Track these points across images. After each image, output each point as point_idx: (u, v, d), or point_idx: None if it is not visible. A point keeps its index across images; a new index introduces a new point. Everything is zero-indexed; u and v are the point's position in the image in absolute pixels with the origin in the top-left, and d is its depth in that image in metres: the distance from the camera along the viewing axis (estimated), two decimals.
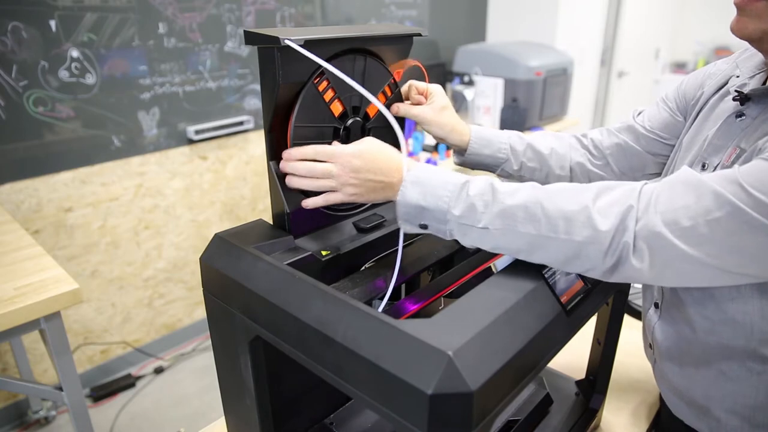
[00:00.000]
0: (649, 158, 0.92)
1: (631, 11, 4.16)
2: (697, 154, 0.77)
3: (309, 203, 0.71)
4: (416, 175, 0.64)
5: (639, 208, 0.56)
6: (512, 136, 0.94)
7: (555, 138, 0.97)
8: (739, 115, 0.71)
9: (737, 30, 0.66)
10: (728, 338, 0.70)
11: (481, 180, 0.63)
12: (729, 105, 0.75)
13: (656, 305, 0.83)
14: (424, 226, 0.64)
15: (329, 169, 0.67)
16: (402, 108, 0.85)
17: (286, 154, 0.70)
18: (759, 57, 0.74)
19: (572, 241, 0.57)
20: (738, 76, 0.76)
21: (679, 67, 5.11)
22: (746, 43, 0.71)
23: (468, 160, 0.94)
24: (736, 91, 0.72)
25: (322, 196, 0.70)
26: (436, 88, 0.89)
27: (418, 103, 0.89)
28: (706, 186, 0.55)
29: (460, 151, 0.93)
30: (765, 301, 0.65)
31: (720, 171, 0.57)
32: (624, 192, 0.58)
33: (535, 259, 0.61)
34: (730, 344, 0.70)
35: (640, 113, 0.95)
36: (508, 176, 0.96)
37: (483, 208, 0.60)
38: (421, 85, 0.89)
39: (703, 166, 0.74)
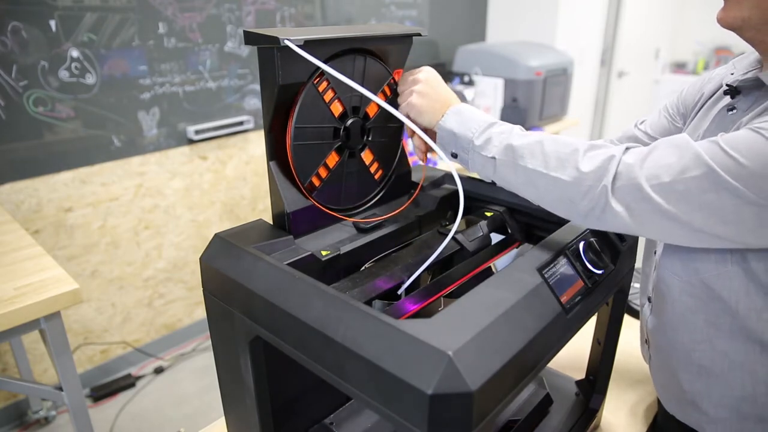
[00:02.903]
0: None
1: (631, 11, 4.16)
2: None
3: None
4: (459, 108, 0.74)
5: (622, 159, 0.61)
6: None
7: None
8: (731, 108, 0.73)
9: (720, 18, 0.69)
10: (716, 316, 0.71)
11: (508, 124, 0.71)
12: (723, 103, 0.77)
13: (649, 299, 0.84)
14: (454, 155, 0.73)
15: (405, 88, 0.79)
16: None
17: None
18: (753, 56, 0.76)
19: (559, 180, 0.64)
20: (732, 74, 0.78)
21: (679, 67, 5.11)
22: (745, 49, 0.72)
23: None
24: (726, 85, 0.74)
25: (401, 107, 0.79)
26: None
27: None
28: (690, 147, 0.59)
29: None
30: (749, 280, 0.66)
31: (707, 138, 0.61)
32: (612, 148, 0.64)
33: (530, 195, 0.68)
34: (717, 322, 0.71)
35: (642, 121, 0.97)
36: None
37: (498, 142, 0.68)
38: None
39: None
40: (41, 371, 2.10)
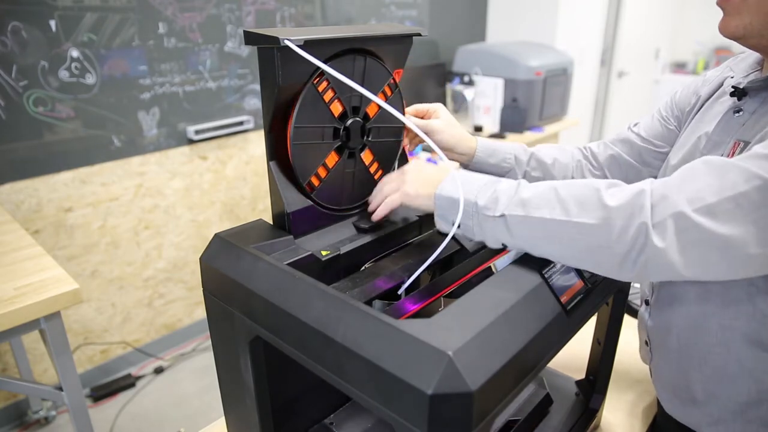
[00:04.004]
0: (642, 169, 0.94)
1: (631, 11, 4.16)
2: (692, 152, 0.78)
3: (376, 216, 0.78)
4: (455, 175, 0.68)
5: (653, 190, 0.55)
6: (517, 147, 0.97)
7: (558, 149, 0.99)
8: (737, 110, 0.72)
9: (722, 29, 0.68)
10: (730, 318, 0.70)
11: (512, 180, 0.65)
12: (725, 105, 0.76)
13: (647, 302, 0.83)
14: (458, 226, 0.66)
15: (393, 185, 0.76)
16: (412, 119, 0.87)
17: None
18: (751, 58, 0.76)
19: (585, 225, 0.57)
20: (732, 77, 0.77)
21: (679, 67, 5.11)
22: (745, 49, 0.72)
23: (473, 170, 0.95)
24: (732, 87, 0.73)
25: (383, 204, 0.76)
26: (438, 106, 0.91)
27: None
28: (730, 164, 0.54)
29: (466, 162, 0.95)
30: None
31: (739, 155, 0.57)
32: (637, 183, 0.58)
33: (553, 251, 0.60)
34: (732, 326, 0.70)
35: (636, 124, 0.97)
36: None
37: (506, 199, 0.62)
38: (422, 106, 0.90)
39: None
40: (41, 371, 2.10)
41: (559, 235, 0.59)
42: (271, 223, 0.76)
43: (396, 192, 0.74)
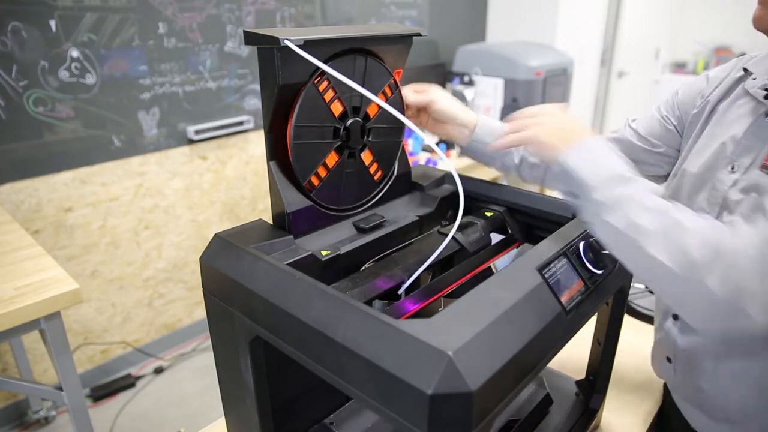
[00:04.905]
0: (634, 167, 0.93)
1: (631, 11, 4.16)
2: (715, 157, 0.76)
3: (500, 144, 0.74)
4: (590, 145, 0.64)
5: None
6: None
7: None
8: None
9: (756, 21, 0.67)
10: None
11: (640, 181, 0.61)
12: (746, 107, 0.74)
13: (675, 317, 0.82)
14: (568, 194, 0.65)
15: (532, 122, 0.71)
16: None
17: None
18: None
19: (703, 289, 0.54)
20: (755, 78, 0.74)
21: (679, 67, 5.11)
22: (746, 49, 0.71)
23: (471, 148, 0.94)
24: (765, 89, 0.71)
25: (514, 136, 0.73)
26: (434, 86, 0.91)
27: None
28: None
29: (464, 138, 0.93)
30: None
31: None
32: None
33: (645, 280, 0.60)
34: None
35: (634, 120, 0.96)
36: (506, 170, 0.96)
37: (622, 215, 0.59)
38: (420, 86, 0.90)
39: (732, 168, 0.73)
40: (41, 371, 2.10)
41: (661, 279, 0.58)
42: (271, 223, 0.76)
43: (530, 130, 0.70)
